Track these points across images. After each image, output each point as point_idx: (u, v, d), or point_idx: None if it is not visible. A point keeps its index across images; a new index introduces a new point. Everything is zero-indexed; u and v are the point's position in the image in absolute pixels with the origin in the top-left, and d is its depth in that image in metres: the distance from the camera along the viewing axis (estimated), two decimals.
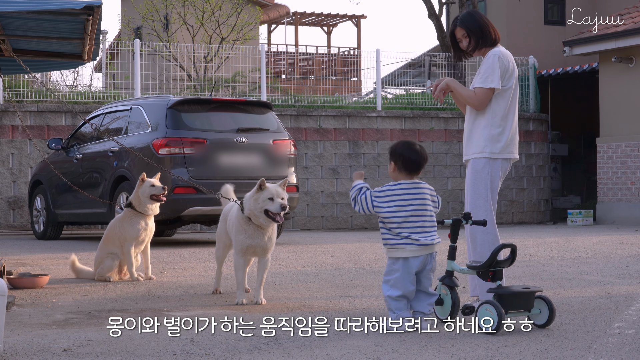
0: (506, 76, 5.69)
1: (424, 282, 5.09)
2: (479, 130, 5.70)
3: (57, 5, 6.78)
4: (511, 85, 5.72)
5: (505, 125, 5.69)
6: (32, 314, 5.71)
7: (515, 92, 5.77)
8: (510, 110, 5.72)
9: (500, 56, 5.70)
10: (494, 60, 5.67)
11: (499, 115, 5.68)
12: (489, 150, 5.65)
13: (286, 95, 18.14)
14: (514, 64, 5.77)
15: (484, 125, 5.69)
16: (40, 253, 10.38)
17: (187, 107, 11.29)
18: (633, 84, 17.80)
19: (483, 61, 5.75)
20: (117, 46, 19.03)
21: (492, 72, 5.64)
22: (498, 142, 5.66)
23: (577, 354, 4.35)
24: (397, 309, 5.00)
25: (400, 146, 5.18)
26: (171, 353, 4.39)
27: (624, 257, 9.72)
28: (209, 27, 21.56)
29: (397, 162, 5.14)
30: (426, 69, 21.88)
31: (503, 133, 5.68)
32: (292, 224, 16.32)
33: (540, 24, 23.41)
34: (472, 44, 5.79)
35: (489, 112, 5.69)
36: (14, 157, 15.08)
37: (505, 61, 5.70)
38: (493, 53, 5.72)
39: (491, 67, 5.65)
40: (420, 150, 5.17)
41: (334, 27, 33.44)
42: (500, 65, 5.66)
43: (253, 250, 6.10)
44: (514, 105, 5.76)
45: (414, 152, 5.13)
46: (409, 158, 5.11)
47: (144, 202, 7.57)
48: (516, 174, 18.46)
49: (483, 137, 5.67)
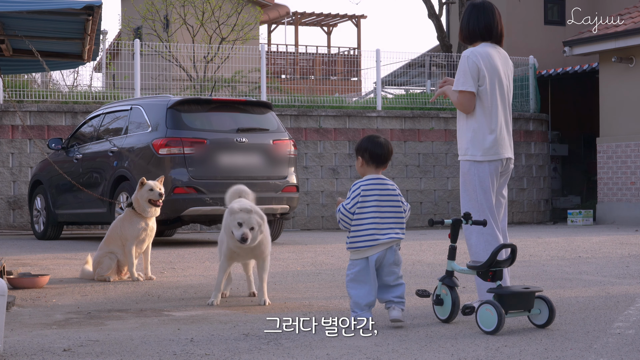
0: (480, 75, 5.53)
1: (386, 276, 5.12)
2: (463, 132, 5.64)
3: (57, 5, 6.78)
4: (487, 84, 5.55)
5: (491, 127, 5.55)
6: (32, 314, 5.71)
7: (495, 91, 5.58)
8: (492, 111, 5.56)
9: (469, 56, 5.55)
10: (464, 62, 5.55)
11: (483, 118, 5.55)
12: (471, 153, 5.55)
13: (286, 95, 18.14)
14: (492, 63, 5.57)
15: (466, 127, 5.61)
16: (40, 253, 10.38)
17: (187, 107, 11.29)
18: (633, 84, 17.80)
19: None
20: (117, 46, 19.04)
21: (464, 74, 5.53)
22: (482, 144, 5.53)
23: (577, 354, 4.35)
24: (356, 308, 5.08)
25: (365, 141, 5.30)
26: (171, 353, 4.39)
27: (624, 257, 9.72)
28: (209, 27, 21.56)
29: (363, 156, 5.25)
30: (426, 69, 21.88)
31: (485, 135, 5.54)
32: (292, 224, 16.32)
33: (540, 24, 23.41)
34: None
35: (471, 115, 5.58)
36: (14, 157, 15.08)
37: (475, 60, 5.53)
38: (464, 54, 5.60)
39: (462, 69, 5.54)
40: (385, 143, 5.28)
41: (334, 27, 33.45)
42: (470, 65, 5.52)
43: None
44: (495, 105, 5.57)
45: (378, 145, 5.25)
46: (374, 151, 5.23)
47: (142, 205, 7.61)
48: (516, 174, 18.46)
49: (466, 139, 5.59)
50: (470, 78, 5.53)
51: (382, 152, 5.24)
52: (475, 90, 5.54)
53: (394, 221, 5.14)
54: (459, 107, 5.62)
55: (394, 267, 5.13)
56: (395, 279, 5.14)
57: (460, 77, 5.57)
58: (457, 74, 5.60)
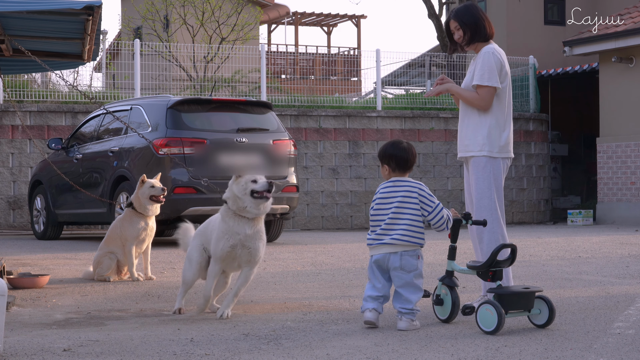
0: (502, 74, 5.64)
1: (394, 280, 5.11)
2: (476, 128, 5.66)
3: (57, 5, 6.77)
4: (507, 83, 5.68)
5: (505, 125, 5.66)
6: (32, 314, 5.71)
7: (510, 90, 5.73)
8: (508, 110, 5.70)
9: (494, 52, 5.63)
10: (490, 58, 5.60)
11: (500, 115, 5.64)
12: (488, 149, 5.60)
13: (286, 95, 18.13)
14: (507, 62, 5.72)
15: (480, 123, 5.63)
16: (40, 253, 10.38)
17: (187, 107, 11.29)
18: (633, 84, 17.80)
19: (477, 58, 5.68)
20: (117, 46, 19.03)
21: (490, 70, 5.58)
22: (498, 141, 5.61)
23: (577, 354, 4.35)
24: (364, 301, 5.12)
25: (389, 147, 5.27)
26: (171, 353, 4.39)
27: (624, 257, 9.72)
28: (209, 27, 21.56)
29: (389, 163, 5.23)
30: (426, 69, 21.88)
31: (502, 133, 5.64)
32: (292, 224, 16.32)
33: (540, 24, 23.40)
34: (465, 37, 5.73)
35: (490, 111, 5.64)
36: (14, 157, 15.08)
37: (500, 58, 5.65)
38: (487, 50, 5.64)
39: (488, 65, 5.58)
40: (408, 147, 5.26)
41: (334, 27, 33.44)
42: (495, 62, 5.61)
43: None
44: (510, 103, 5.73)
45: (402, 150, 5.23)
46: (400, 157, 5.20)
47: (143, 203, 7.61)
48: (516, 174, 18.46)
49: (482, 135, 5.61)
50: (495, 74, 5.59)
51: (407, 157, 5.21)
52: (499, 86, 5.59)
53: (404, 226, 5.07)
54: (478, 103, 5.60)
55: (400, 273, 5.05)
56: (402, 285, 5.06)
57: (485, 73, 5.58)
58: (481, 69, 5.60)
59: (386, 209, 5.12)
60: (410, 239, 5.07)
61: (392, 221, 5.08)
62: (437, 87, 5.79)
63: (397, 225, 5.08)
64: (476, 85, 5.62)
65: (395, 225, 5.08)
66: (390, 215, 5.09)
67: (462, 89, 5.71)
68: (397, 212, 5.09)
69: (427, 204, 5.10)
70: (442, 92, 5.80)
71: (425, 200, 5.10)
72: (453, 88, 5.73)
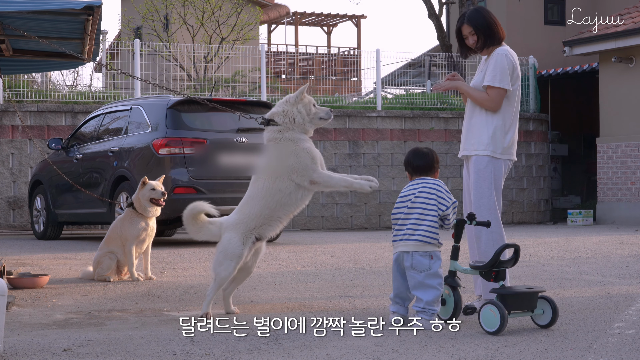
0: (513, 76, 5.63)
1: (408, 281, 5.14)
2: (481, 128, 5.65)
3: (57, 5, 6.77)
4: (517, 86, 5.68)
5: (511, 127, 5.65)
6: (32, 314, 5.71)
7: (520, 93, 5.75)
8: (516, 112, 5.70)
9: (507, 54, 5.63)
10: (503, 59, 5.59)
11: (507, 117, 5.63)
12: (492, 149, 5.59)
13: (286, 95, 18.11)
14: (518, 65, 5.71)
15: (486, 123, 5.62)
16: (40, 253, 10.38)
17: (187, 107, 11.28)
18: (633, 84, 17.80)
19: (490, 59, 5.65)
20: (117, 46, 19.03)
21: (502, 72, 5.57)
22: (502, 142, 5.60)
23: (577, 354, 4.35)
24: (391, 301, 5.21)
25: (410, 155, 5.41)
26: (171, 353, 4.39)
27: (624, 257, 9.72)
28: (209, 27, 21.56)
29: (408, 169, 5.39)
30: (426, 69, 21.89)
31: (507, 134, 5.63)
32: (292, 224, 16.32)
33: (540, 24, 23.41)
34: (480, 41, 5.69)
35: (498, 112, 5.62)
36: (14, 157, 15.08)
37: (513, 61, 5.65)
38: (500, 52, 5.63)
39: (501, 66, 5.57)
40: (427, 153, 5.35)
41: (334, 27, 33.43)
42: (508, 64, 5.60)
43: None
44: (518, 106, 5.72)
45: (419, 157, 5.34)
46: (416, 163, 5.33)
47: (144, 204, 7.61)
48: (516, 174, 18.46)
49: (487, 135, 5.60)
50: (507, 76, 5.60)
51: (420, 163, 5.31)
52: (510, 89, 5.60)
53: (418, 225, 5.12)
54: (488, 104, 5.60)
55: (412, 272, 5.09)
56: (414, 285, 5.09)
57: (497, 74, 5.58)
58: (493, 70, 5.59)
59: (402, 207, 5.21)
60: (420, 237, 5.11)
61: (406, 217, 5.16)
62: (447, 82, 5.78)
63: (412, 223, 5.14)
64: (487, 86, 5.61)
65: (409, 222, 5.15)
66: (405, 211, 5.17)
67: (472, 88, 5.69)
68: (412, 209, 5.16)
69: (444, 198, 5.16)
70: (451, 89, 5.80)
71: (442, 195, 5.16)
72: (463, 87, 5.72)
